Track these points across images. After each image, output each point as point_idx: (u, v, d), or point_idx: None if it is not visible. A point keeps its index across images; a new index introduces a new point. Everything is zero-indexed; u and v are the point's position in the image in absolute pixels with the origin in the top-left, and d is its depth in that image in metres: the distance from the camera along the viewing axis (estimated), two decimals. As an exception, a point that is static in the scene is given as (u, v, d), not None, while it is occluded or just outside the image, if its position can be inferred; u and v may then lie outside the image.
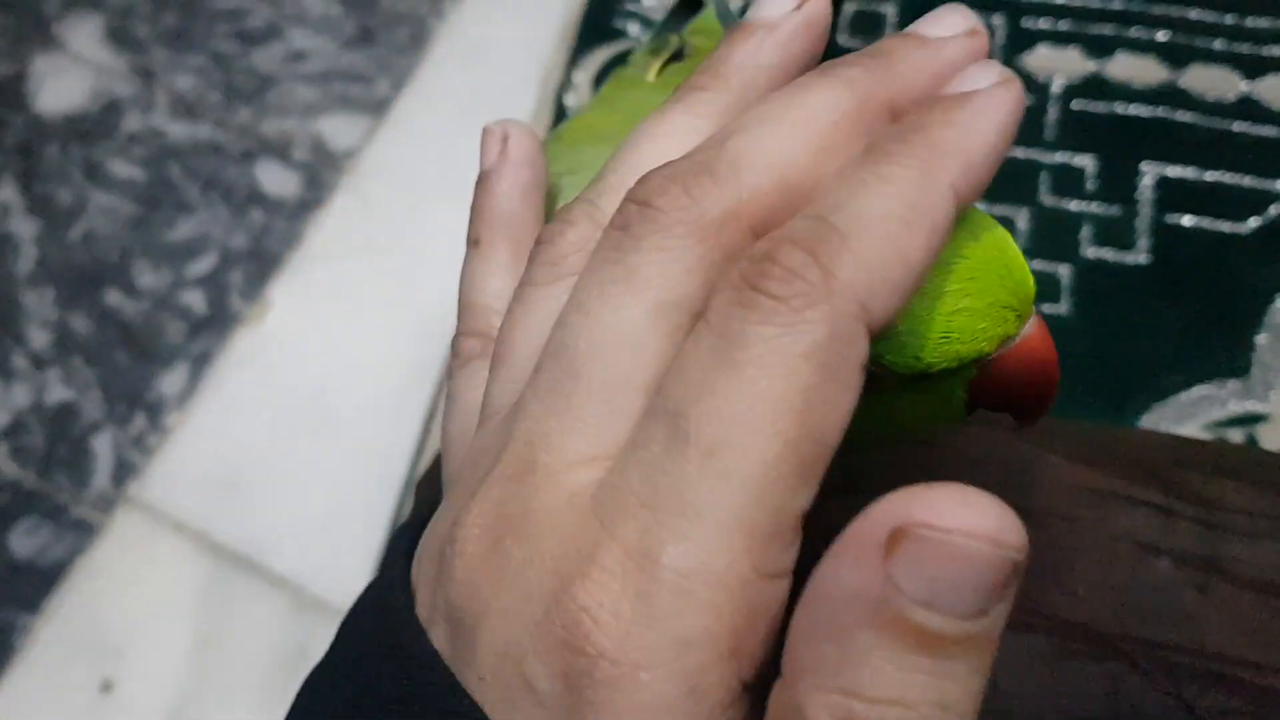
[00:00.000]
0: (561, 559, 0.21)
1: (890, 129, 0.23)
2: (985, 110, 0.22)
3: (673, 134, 0.25)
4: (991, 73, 0.23)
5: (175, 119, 0.73)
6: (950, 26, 0.24)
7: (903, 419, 0.25)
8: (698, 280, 0.22)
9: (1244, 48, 0.59)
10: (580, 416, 0.22)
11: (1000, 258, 0.24)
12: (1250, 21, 0.59)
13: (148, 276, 0.69)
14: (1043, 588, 0.30)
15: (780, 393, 0.20)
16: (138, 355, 0.66)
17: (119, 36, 0.77)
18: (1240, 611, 0.30)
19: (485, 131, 0.30)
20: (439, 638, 0.22)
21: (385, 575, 0.25)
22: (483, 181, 0.30)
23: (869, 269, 0.20)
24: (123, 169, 0.72)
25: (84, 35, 0.77)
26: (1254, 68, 0.58)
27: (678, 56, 0.40)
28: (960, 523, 0.18)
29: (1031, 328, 0.24)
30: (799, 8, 0.26)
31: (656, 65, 0.39)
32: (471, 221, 0.30)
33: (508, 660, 0.21)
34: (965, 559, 0.18)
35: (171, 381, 0.66)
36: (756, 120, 0.23)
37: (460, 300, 0.29)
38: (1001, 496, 0.19)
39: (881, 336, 0.21)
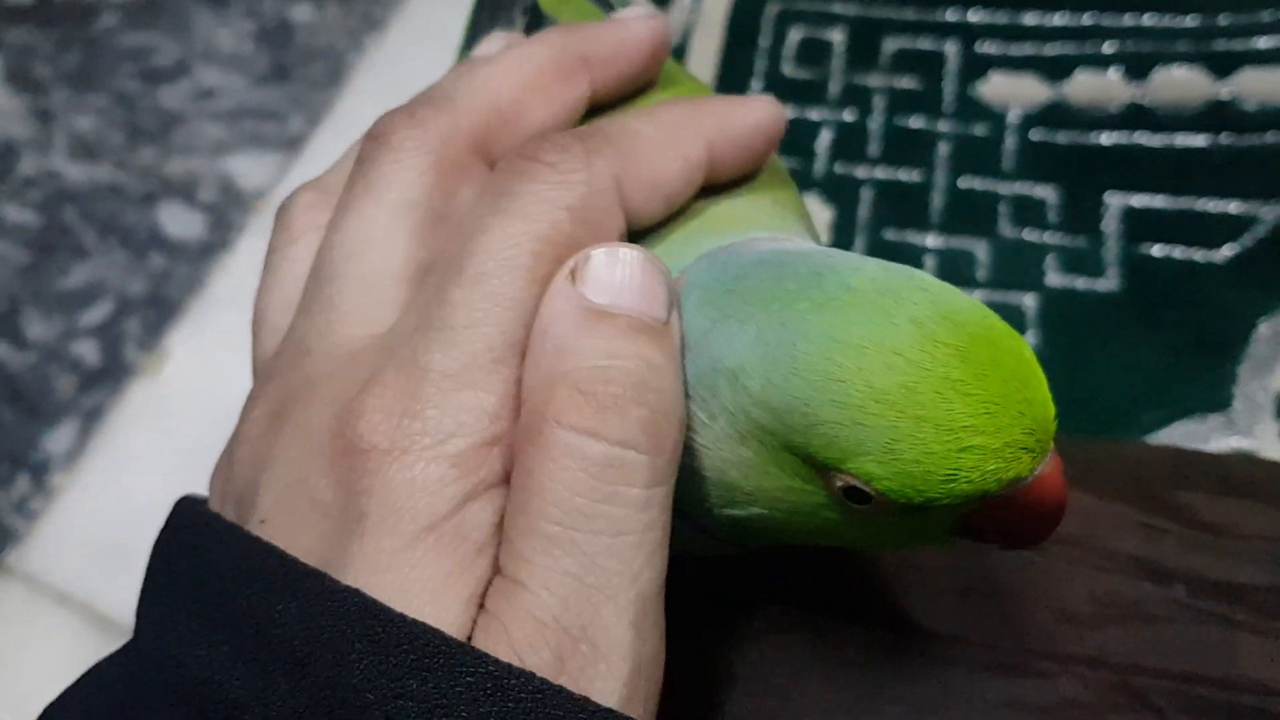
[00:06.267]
0: (343, 392, 0.22)
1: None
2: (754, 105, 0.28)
3: None
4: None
5: (74, 161, 0.69)
6: (634, 12, 0.29)
7: (886, 538, 0.24)
8: (430, 181, 0.25)
9: (1216, 44, 0.56)
10: (340, 306, 0.24)
11: (1022, 390, 0.21)
12: (1221, 20, 0.56)
13: (37, 327, 0.63)
14: (1046, 620, 0.26)
15: (543, 235, 0.23)
16: (23, 411, 0.61)
17: (19, 77, 0.72)
18: (1273, 639, 0.26)
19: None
20: (228, 516, 0.24)
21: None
22: None
23: (625, 161, 0.25)
24: (15, 214, 0.67)
25: (-18, 79, 0.73)
26: (1224, 65, 0.55)
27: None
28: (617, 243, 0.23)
29: (1044, 467, 0.21)
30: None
31: None
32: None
33: (291, 489, 0.22)
34: (625, 263, 0.22)
35: (59, 439, 0.60)
36: (470, 67, 0.28)
37: None
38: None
39: (881, 459, 0.21)
